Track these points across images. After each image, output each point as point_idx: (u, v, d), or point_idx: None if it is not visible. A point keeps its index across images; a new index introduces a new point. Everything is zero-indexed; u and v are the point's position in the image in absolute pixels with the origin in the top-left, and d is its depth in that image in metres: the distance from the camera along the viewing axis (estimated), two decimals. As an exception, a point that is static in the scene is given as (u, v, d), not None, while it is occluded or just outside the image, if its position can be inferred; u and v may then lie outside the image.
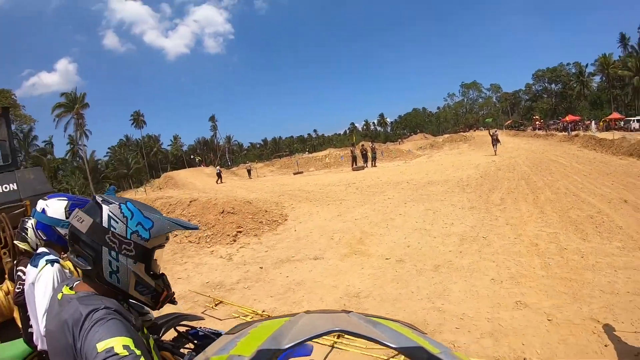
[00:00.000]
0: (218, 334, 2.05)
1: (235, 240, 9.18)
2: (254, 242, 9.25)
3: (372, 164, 31.57)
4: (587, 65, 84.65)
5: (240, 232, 9.62)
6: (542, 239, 8.34)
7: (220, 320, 5.42)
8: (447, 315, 5.43)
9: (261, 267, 7.49)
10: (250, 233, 9.80)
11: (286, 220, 11.55)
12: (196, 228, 1.75)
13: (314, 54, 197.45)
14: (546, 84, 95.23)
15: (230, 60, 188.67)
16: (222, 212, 10.09)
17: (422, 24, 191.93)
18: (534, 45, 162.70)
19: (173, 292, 1.69)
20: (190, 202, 10.84)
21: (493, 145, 29.54)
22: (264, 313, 5.49)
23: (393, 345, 0.76)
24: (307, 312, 1.05)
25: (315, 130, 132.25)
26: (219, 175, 33.10)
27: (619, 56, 76.76)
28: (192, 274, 7.10)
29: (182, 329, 2.28)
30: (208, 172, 33.47)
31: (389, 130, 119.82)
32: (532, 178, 16.77)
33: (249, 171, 40.07)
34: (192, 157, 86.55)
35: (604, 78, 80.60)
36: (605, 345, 4.41)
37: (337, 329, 0.84)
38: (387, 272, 7.11)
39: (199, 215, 9.67)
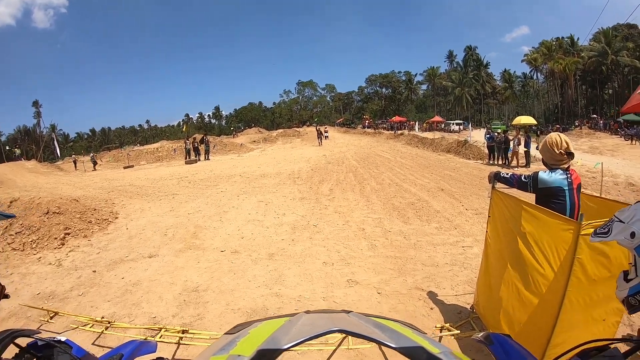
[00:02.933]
0: (59, 341, 1.97)
1: (63, 244, 8.30)
2: (84, 244, 8.50)
3: (205, 157, 31.28)
4: (416, 74, 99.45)
5: (68, 234, 8.72)
6: (368, 224, 9.28)
7: (59, 333, 4.83)
8: (284, 299, 5.65)
9: (94, 271, 6.96)
10: (80, 234, 8.97)
11: (117, 218, 10.88)
12: (12, 216, 1.49)
13: (150, 42, 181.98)
14: (378, 88, 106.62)
15: (59, 39, 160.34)
16: (47, 212, 8.93)
17: (262, 20, 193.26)
18: (370, 53, 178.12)
19: (3, 285, 1.40)
20: (11, 202, 9.27)
21: (318, 138, 39.42)
22: (103, 320, 5.09)
23: (393, 345, 0.79)
24: (307, 311, 1.09)
25: (147, 121, 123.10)
26: (94, 163, 34.41)
27: (445, 69, 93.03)
28: (19, 287, 6.22)
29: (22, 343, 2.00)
30: (30, 166, 28.63)
31: (223, 124, 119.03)
32: (359, 171, 18.60)
33: (74, 162, 37.59)
34: (10, 148, 72.16)
35: (430, 87, 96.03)
36: (431, 309, 5.12)
37: (337, 328, 0.88)
38: (223, 264, 7.15)
39: (21, 218, 8.35)
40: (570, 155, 3.38)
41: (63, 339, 2.01)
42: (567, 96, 67.34)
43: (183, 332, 4.76)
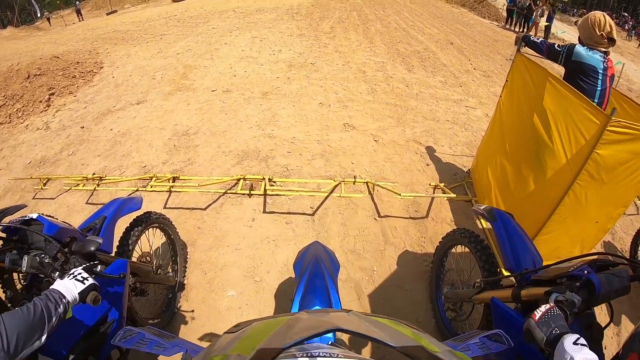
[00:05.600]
0: (30, 220, 1.89)
1: (49, 105, 7.88)
2: (70, 101, 8.06)
3: None
4: None
5: (53, 94, 8.23)
6: (369, 67, 8.76)
7: (53, 199, 4.81)
8: (277, 140, 5.45)
9: (82, 127, 6.65)
10: (64, 92, 8.47)
11: (102, 67, 10.19)
12: None
13: None
14: None
15: None
16: (28, 76, 8.30)
17: None
18: None
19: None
20: (-11, 75, 8.55)
21: None
22: (95, 176, 4.93)
23: (393, 344, 0.72)
24: (307, 311, 1.08)
25: None
26: (78, 12, 31.56)
27: None
28: (11, 160, 6.02)
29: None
30: (7, 34, 26.32)
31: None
32: (364, 10, 17.27)
33: (48, 19, 34.54)
34: None
35: None
36: (427, 165, 4.97)
37: (337, 327, 0.82)
38: (214, 105, 6.83)
39: (2, 89, 7.75)
40: (612, 40, 2.95)
41: (34, 216, 1.91)
42: None
43: (174, 179, 4.67)
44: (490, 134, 4.16)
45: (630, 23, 36.54)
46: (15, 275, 2.07)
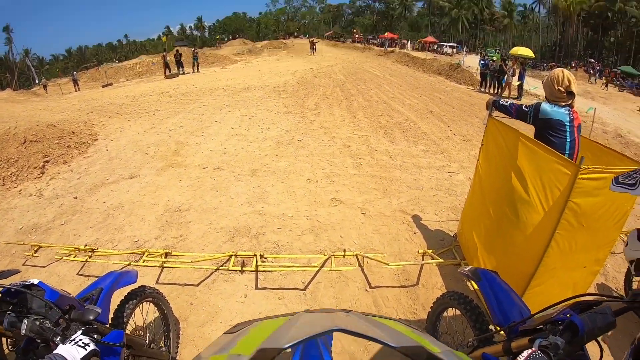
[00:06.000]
0: (31, 285, 1.93)
1: (43, 172, 8.04)
2: (64, 170, 8.24)
3: (194, 69, 30.11)
4: None
5: (47, 161, 8.41)
6: (354, 142, 9.13)
7: (44, 267, 4.84)
8: (268, 217, 5.59)
9: (75, 197, 6.79)
10: (59, 160, 8.66)
11: (96, 139, 10.48)
12: None
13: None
14: (370, 2, 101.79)
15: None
16: (24, 142, 8.53)
17: None
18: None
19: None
20: (-14, 137, 8.82)
21: (311, 49, 42.30)
22: (87, 248, 4.99)
23: (393, 345, 0.78)
24: (307, 311, 1.08)
25: (126, 36, 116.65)
26: (75, 82, 32.66)
27: None
28: (2, 223, 6.09)
29: None
30: (5, 96, 27.18)
31: (206, 35, 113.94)
32: (347, 86, 18.08)
33: (44, 86, 35.78)
34: None
35: (425, 5, 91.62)
36: (414, 233, 5.12)
37: (336, 327, 0.89)
38: (205, 182, 7.03)
39: None
40: (571, 94, 3.19)
41: (36, 281, 1.96)
42: (567, 35, 65.06)
43: (166, 255, 4.74)
44: (472, 197, 4.37)
45: (598, 68, 38.58)
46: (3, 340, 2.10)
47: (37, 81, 49.60)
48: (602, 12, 58.47)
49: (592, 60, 48.17)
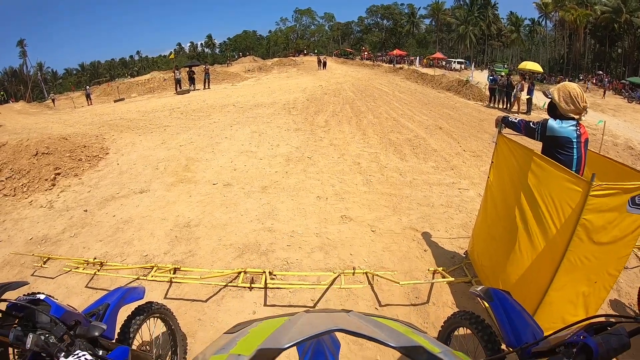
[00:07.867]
0: (37, 300, 1.97)
1: (54, 184, 8.18)
2: (75, 183, 8.38)
3: (205, 86, 30.46)
4: (419, 8, 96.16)
5: (58, 174, 8.56)
6: (364, 158, 9.14)
7: (52, 278, 4.89)
8: (277, 234, 5.59)
9: (85, 210, 6.88)
10: (70, 173, 8.81)
11: (107, 154, 10.65)
12: None
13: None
14: (378, 19, 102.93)
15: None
16: (36, 154, 8.70)
17: None
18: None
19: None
20: (-1, 147, 9.04)
21: (318, 65, 44.64)
22: (95, 261, 5.04)
23: (393, 345, 0.77)
24: (307, 311, 1.08)
25: (138, 52, 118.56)
26: (87, 96, 33.51)
27: (451, 6, 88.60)
28: (12, 233, 6.20)
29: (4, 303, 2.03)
30: (18, 108, 27.82)
31: (217, 52, 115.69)
32: (356, 103, 18.17)
33: (53, 100, 36.72)
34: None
35: (433, 22, 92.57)
36: (425, 251, 5.09)
37: (337, 328, 0.85)
38: (215, 198, 7.06)
39: (10, 162, 8.11)
40: (585, 109, 3.21)
41: (42, 296, 1.99)
42: (574, 48, 65.18)
43: (175, 270, 4.75)
44: (483, 214, 4.34)
45: (606, 80, 38.48)
46: (10, 349, 2.11)
47: (46, 95, 50.58)
48: (609, 24, 58.55)
49: (600, 73, 48.18)
